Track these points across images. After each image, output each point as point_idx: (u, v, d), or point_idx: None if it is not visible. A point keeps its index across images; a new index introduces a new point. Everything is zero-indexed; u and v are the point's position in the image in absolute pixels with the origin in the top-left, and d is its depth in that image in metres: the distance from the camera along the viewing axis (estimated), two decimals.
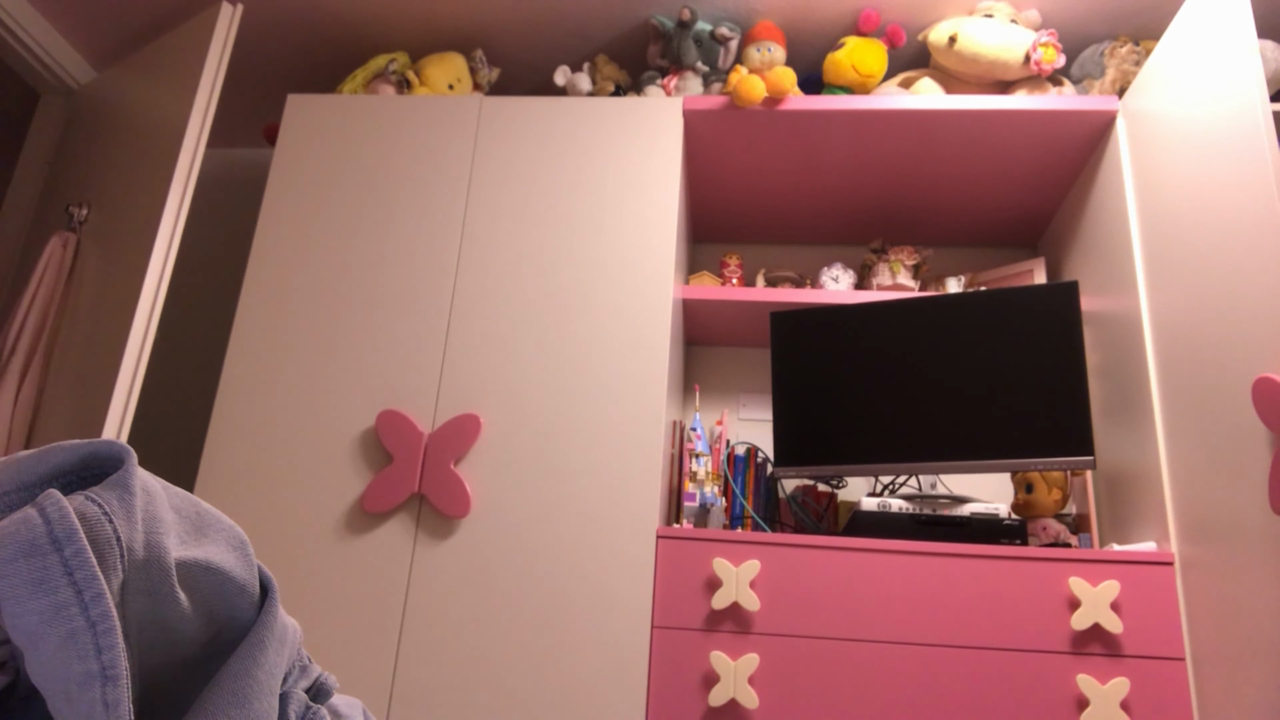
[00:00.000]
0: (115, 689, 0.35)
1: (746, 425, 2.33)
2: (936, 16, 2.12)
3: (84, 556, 0.35)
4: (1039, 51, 1.98)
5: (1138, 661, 1.51)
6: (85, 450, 0.39)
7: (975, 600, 1.58)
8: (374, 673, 1.64)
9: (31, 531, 0.35)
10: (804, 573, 1.63)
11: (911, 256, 2.19)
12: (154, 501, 0.39)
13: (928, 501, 1.76)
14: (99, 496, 0.37)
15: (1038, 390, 1.77)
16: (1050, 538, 1.85)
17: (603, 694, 1.58)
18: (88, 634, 0.35)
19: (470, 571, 1.69)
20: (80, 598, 0.35)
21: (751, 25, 2.16)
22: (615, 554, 1.67)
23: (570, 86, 2.17)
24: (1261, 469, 1.34)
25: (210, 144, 2.83)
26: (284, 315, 1.92)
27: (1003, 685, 1.52)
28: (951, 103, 1.96)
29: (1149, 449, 1.69)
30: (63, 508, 0.35)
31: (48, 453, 0.39)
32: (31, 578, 0.35)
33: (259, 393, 1.87)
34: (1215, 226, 1.51)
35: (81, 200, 2.13)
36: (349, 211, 1.99)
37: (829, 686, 1.55)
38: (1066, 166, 2.10)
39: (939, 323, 1.89)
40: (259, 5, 2.23)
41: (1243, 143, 1.45)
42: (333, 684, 0.55)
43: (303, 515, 1.76)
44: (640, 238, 1.89)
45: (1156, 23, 2.06)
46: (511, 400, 1.80)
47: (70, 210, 2.11)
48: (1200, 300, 1.55)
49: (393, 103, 2.08)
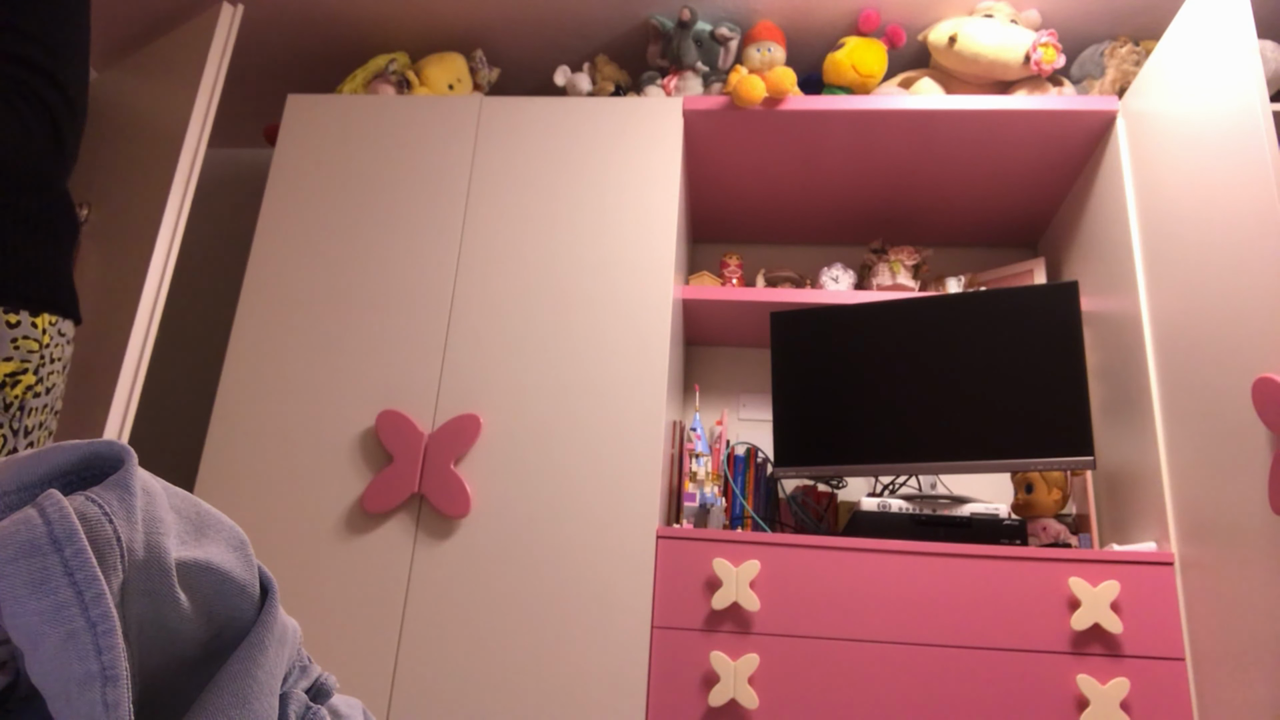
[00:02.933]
0: (115, 689, 0.35)
1: (746, 425, 2.33)
2: (936, 16, 2.12)
3: (84, 557, 0.35)
4: (1039, 51, 1.98)
5: (1138, 661, 1.51)
6: (85, 450, 0.39)
7: (975, 600, 1.58)
8: (374, 673, 1.64)
9: (32, 532, 0.35)
10: (804, 573, 1.63)
11: (911, 256, 2.19)
12: (154, 502, 0.39)
13: (928, 501, 1.76)
14: (99, 497, 0.37)
15: (1038, 390, 1.77)
16: (1050, 538, 1.85)
17: (603, 694, 1.59)
18: (88, 634, 0.35)
19: (470, 571, 1.69)
20: (80, 598, 0.35)
21: (751, 25, 2.16)
22: (615, 554, 1.67)
23: (570, 86, 2.17)
24: (1261, 469, 1.34)
25: (210, 144, 2.83)
26: (284, 315, 1.92)
27: (1003, 685, 1.52)
28: (951, 103, 1.96)
29: (1149, 449, 1.69)
30: (63, 508, 0.35)
31: (47, 453, 0.39)
32: (31, 578, 0.35)
33: (259, 393, 1.87)
34: (1215, 226, 1.51)
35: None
36: (349, 211, 1.99)
37: (829, 686, 1.55)
38: (1066, 166, 2.10)
39: (939, 323, 1.90)
40: (259, 5, 2.23)
41: (1243, 143, 1.45)
42: (333, 684, 0.55)
43: (303, 515, 1.76)
44: (640, 238, 1.89)
45: (1156, 23, 2.06)
46: (511, 400, 1.80)
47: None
48: (1200, 300, 1.55)
49: (393, 103, 2.08)
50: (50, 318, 1.12)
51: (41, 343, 1.10)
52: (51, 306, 1.12)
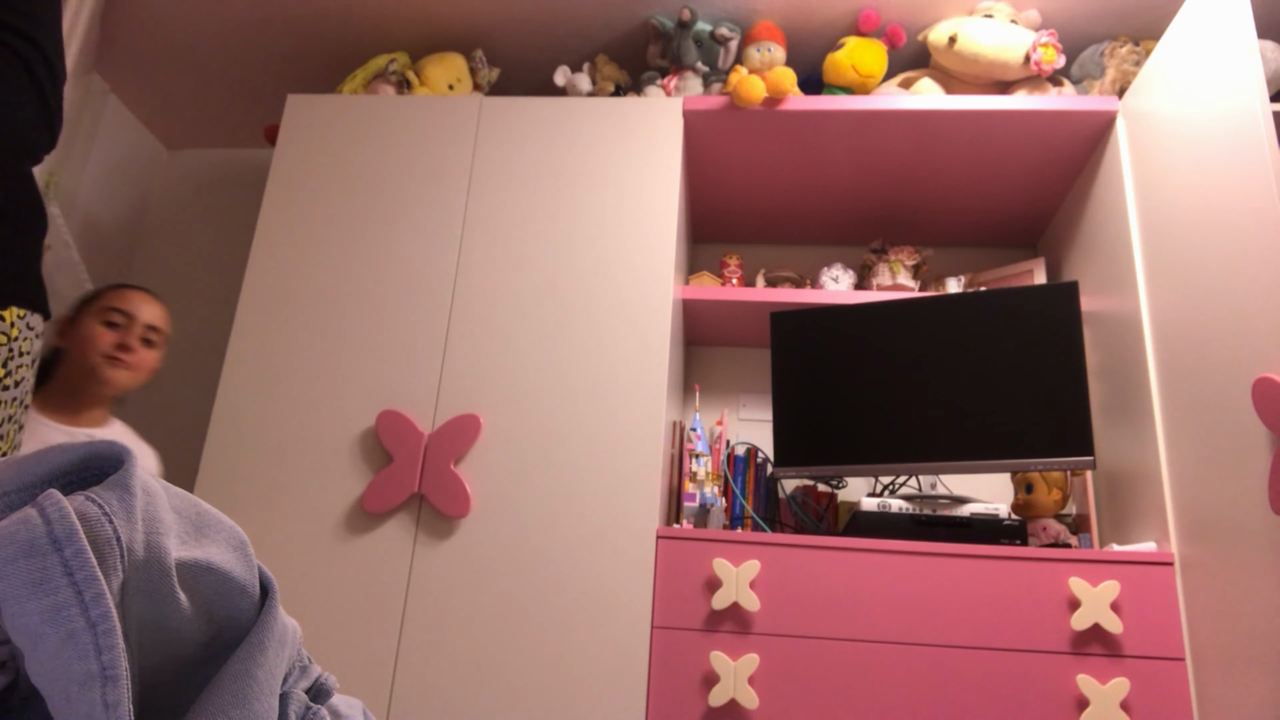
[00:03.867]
0: (115, 689, 0.35)
1: (746, 425, 2.33)
2: (936, 16, 2.12)
3: (84, 557, 0.35)
4: (1039, 52, 1.98)
5: (1138, 661, 1.51)
6: (85, 451, 0.40)
7: (975, 600, 1.58)
8: (374, 673, 1.64)
9: (32, 532, 0.35)
10: (804, 573, 1.63)
11: (911, 256, 2.19)
12: (154, 502, 0.39)
13: (928, 502, 1.76)
14: (99, 497, 0.37)
15: (1038, 390, 1.77)
16: (1050, 538, 1.85)
17: (603, 694, 1.58)
18: (88, 634, 0.35)
19: (470, 571, 1.69)
20: (80, 598, 0.35)
21: (751, 25, 2.16)
22: (615, 554, 1.67)
23: (570, 86, 2.17)
24: (1261, 469, 1.34)
25: (211, 144, 2.83)
26: (284, 315, 1.92)
27: (1003, 685, 1.52)
28: (951, 103, 1.96)
29: (1149, 449, 1.69)
30: (63, 508, 0.35)
31: (48, 453, 0.39)
32: (31, 578, 0.35)
33: (259, 393, 1.87)
34: (1215, 226, 1.51)
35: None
36: (349, 211, 1.99)
37: (829, 686, 1.55)
38: (1066, 166, 2.10)
39: (939, 323, 1.89)
40: (259, 5, 2.23)
41: (1243, 143, 1.45)
42: (333, 684, 0.55)
43: (303, 515, 1.76)
44: (640, 238, 1.89)
45: (1156, 23, 2.06)
46: (511, 400, 1.80)
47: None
48: (1200, 300, 1.55)
49: (393, 103, 2.08)
50: (19, 311, 1.10)
51: (10, 335, 1.09)
52: (19, 300, 1.10)
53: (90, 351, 1.68)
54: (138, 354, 1.72)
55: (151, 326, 1.75)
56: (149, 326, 1.74)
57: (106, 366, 1.68)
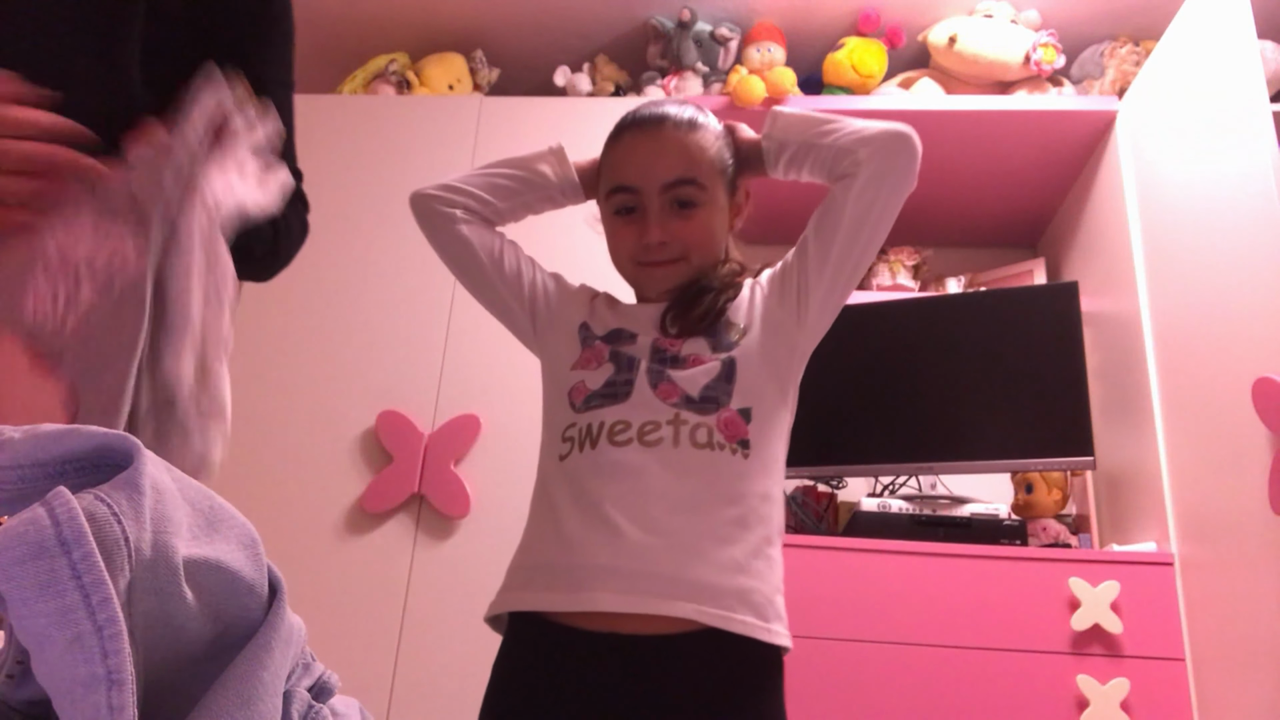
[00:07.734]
0: (120, 693, 0.35)
1: None
2: (936, 17, 2.12)
3: (92, 560, 0.35)
4: (1039, 52, 1.98)
5: (1138, 662, 1.51)
6: (100, 440, 0.40)
7: (975, 600, 1.58)
8: (374, 673, 1.64)
9: (40, 533, 0.35)
10: (804, 573, 1.62)
11: (911, 256, 2.19)
12: (164, 500, 0.39)
13: (928, 502, 1.76)
14: (108, 496, 0.37)
15: (1038, 390, 1.77)
16: (1050, 538, 1.85)
17: None
18: (94, 638, 0.35)
19: (470, 571, 1.69)
20: (87, 601, 0.35)
21: (751, 26, 2.16)
22: None
23: (570, 87, 2.17)
24: (1261, 469, 1.34)
25: None
26: (283, 315, 1.92)
27: (1003, 685, 1.52)
28: (951, 103, 1.96)
29: (1149, 449, 1.69)
30: (72, 508, 0.35)
31: (65, 435, 0.39)
32: (39, 580, 0.35)
33: (259, 393, 1.86)
34: (1215, 227, 1.51)
35: None
36: (349, 211, 1.99)
37: (828, 687, 1.55)
38: (1066, 167, 2.10)
39: (939, 323, 1.89)
40: None
41: (1243, 143, 1.45)
42: (335, 683, 0.55)
43: (303, 515, 1.76)
44: None
45: (1156, 23, 2.06)
46: (511, 400, 1.80)
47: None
48: (1200, 300, 1.55)
49: (393, 103, 2.08)
50: None
51: None
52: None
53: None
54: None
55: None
56: None
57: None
